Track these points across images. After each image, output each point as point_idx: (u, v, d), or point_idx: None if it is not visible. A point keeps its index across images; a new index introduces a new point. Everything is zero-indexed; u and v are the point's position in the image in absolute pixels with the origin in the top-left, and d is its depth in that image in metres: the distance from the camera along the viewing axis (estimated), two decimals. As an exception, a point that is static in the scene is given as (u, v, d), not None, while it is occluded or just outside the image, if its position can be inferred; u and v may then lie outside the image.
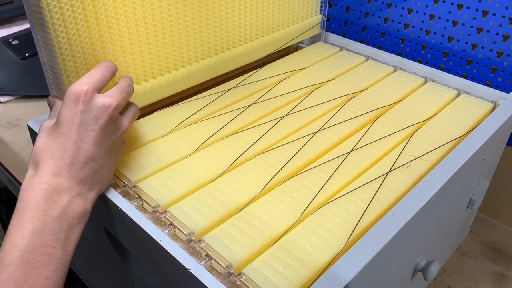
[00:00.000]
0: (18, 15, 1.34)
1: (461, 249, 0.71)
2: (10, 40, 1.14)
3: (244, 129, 0.52)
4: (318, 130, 0.52)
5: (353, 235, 0.39)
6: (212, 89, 0.60)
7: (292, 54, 0.70)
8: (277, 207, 0.42)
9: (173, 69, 0.55)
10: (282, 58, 0.68)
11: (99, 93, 0.40)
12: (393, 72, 0.65)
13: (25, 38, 1.17)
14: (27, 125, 0.51)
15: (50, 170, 0.37)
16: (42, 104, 1.01)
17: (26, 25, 1.29)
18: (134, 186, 0.44)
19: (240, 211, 0.42)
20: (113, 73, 0.42)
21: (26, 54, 1.11)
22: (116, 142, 0.41)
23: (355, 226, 0.40)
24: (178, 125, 0.52)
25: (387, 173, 0.46)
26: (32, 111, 0.99)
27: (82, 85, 0.39)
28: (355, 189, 0.44)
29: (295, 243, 0.38)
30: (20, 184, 0.81)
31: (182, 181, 0.44)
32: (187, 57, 0.56)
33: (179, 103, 0.56)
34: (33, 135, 0.51)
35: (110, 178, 0.42)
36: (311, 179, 0.45)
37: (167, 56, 0.53)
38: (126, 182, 0.44)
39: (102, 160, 0.40)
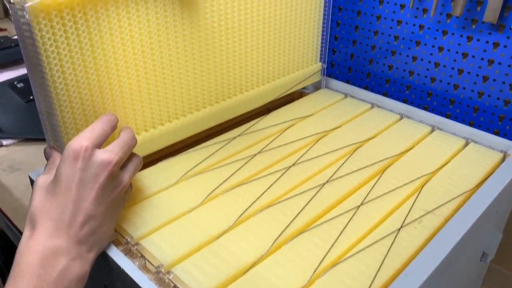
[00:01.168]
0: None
1: (474, 302, 0.68)
2: (16, 83, 1.15)
3: (250, 180, 0.51)
4: (326, 182, 0.51)
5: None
6: (217, 137, 0.59)
7: (296, 101, 0.70)
8: (286, 267, 0.40)
9: (173, 118, 0.54)
10: (287, 106, 0.68)
11: (99, 148, 0.39)
12: (400, 120, 0.65)
13: (30, 80, 1.18)
14: (29, 176, 0.50)
15: (48, 231, 0.36)
16: (43, 148, 1.00)
17: (32, 68, 1.31)
18: (137, 244, 0.42)
19: (247, 271, 0.40)
20: (114, 127, 0.41)
21: (31, 97, 1.11)
22: (116, 198, 0.40)
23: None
24: (182, 176, 0.51)
25: (399, 229, 0.44)
26: (34, 155, 0.98)
27: (81, 141, 0.38)
28: (366, 247, 0.42)
29: (305, 307, 0.37)
30: (18, 231, 0.79)
31: (187, 238, 0.43)
32: (187, 106, 0.55)
33: (183, 152, 0.56)
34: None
35: (110, 236, 0.41)
36: (320, 236, 0.43)
37: (168, 106, 0.53)
38: (128, 239, 0.43)
39: (101, 218, 0.38)
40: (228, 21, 0.55)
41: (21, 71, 1.29)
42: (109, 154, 0.38)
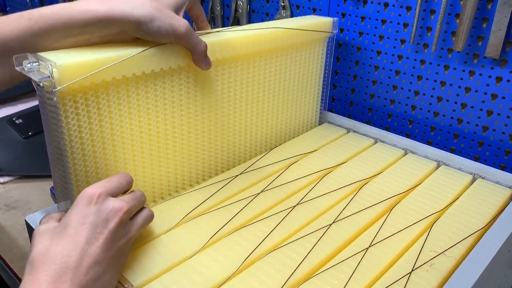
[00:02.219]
0: (24, 93, 1.36)
1: None
2: (14, 119, 1.14)
3: (253, 221, 0.49)
4: (333, 222, 0.49)
5: None
6: (218, 176, 0.58)
7: (298, 137, 0.69)
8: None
9: (181, 189, 0.55)
10: (289, 141, 0.67)
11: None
12: (404, 156, 0.64)
13: (30, 116, 1.18)
14: (25, 220, 0.48)
15: (50, 276, 0.34)
16: (41, 185, 0.98)
17: (32, 103, 1.30)
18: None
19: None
20: (130, 183, 0.43)
21: (29, 133, 1.10)
22: (122, 247, 0.39)
23: None
24: (183, 218, 0.49)
25: (410, 272, 0.43)
26: (31, 192, 0.96)
27: (96, 188, 0.39)
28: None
29: None
30: (14, 273, 0.76)
31: (189, 286, 0.41)
32: (195, 177, 0.57)
33: (184, 192, 0.54)
34: (30, 230, 0.48)
35: (112, 286, 0.39)
36: (329, 282, 0.42)
37: (176, 177, 0.54)
38: (128, 287, 0.41)
39: (106, 266, 0.37)
40: (236, 93, 0.57)
41: (20, 106, 1.29)
42: (121, 202, 0.39)
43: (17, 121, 1.13)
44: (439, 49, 0.64)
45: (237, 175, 0.57)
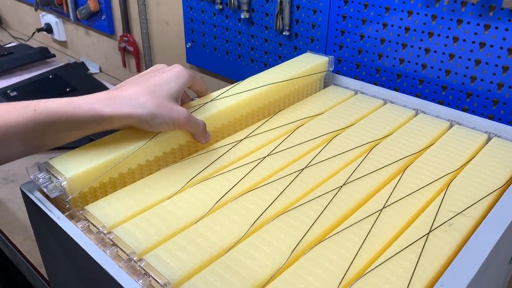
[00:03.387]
0: (17, 66, 1.32)
1: (501, 307, 0.64)
2: (9, 92, 1.11)
3: (261, 185, 0.47)
4: (343, 184, 0.47)
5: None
6: (222, 140, 0.55)
7: (304, 100, 0.66)
8: (308, 281, 0.36)
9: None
10: (294, 105, 0.64)
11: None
12: (415, 116, 0.61)
13: (24, 89, 1.14)
14: (20, 188, 0.46)
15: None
16: (38, 159, 0.96)
17: (26, 76, 1.27)
18: (109, 232, 0.40)
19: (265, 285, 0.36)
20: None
21: (24, 106, 1.07)
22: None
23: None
24: (187, 183, 0.47)
25: (428, 233, 0.40)
26: (29, 165, 0.94)
27: None
28: (394, 255, 0.38)
29: None
30: (14, 245, 0.75)
31: (161, 225, 0.41)
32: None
33: (187, 158, 0.52)
34: (25, 198, 0.45)
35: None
36: (343, 244, 0.39)
37: None
38: (100, 228, 0.40)
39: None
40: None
41: (14, 79, 1.25)
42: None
43: (11, 94, 1.10)
44: (452, 2, 0.60)
45: (241, 140, 0.55)
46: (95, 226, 0.41)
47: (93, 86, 1.20)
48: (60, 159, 0.45)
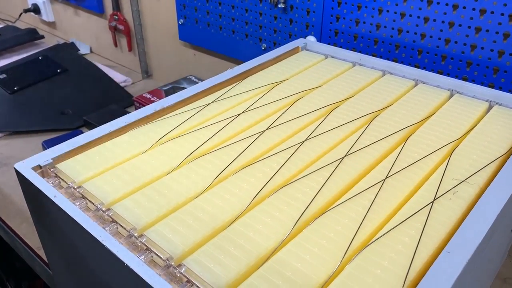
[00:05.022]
0: (5, 49, 1.29)
1: (501, 276, 0.64)
2: (-3, 74, 1.08)
3: (260, 159, 0.46)
4: (345, 156, 0.46)
5: (408, 280, 0.33)
6: (223, 114, 0.54)
7: (302, 73, 0.64)
8: (312, 252, 0.35)
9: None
10: (292, 78, 0.63)
11: None
12: (415, 86, 0.60)
13: (14, 71, 1.12)
14: (14, 168, 0.44)
15: None
16: (32, 140, 0.94)
17: (15, 58, 1.24)
18: (108, 209, 0.39)
19: (266, 260, 0.35)
20: None
21: (15, 88, 1.05)
22: None
23: (408, 269, 0.33)
24: (185, 158, 0.46)
25: (432, 202, 0.40)
26: (22, 149, 0.93)
27: None
28: (399, 224, 0.37)
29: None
30: (11, 229, 0.74)
31: (161, 201, 0.40)
32: None
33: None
34: (20, 177, 0.44)
35: None
36: (346, 215, 0.39)
37: None
38: (99, 206, 0.39)
39: None
40: None
41: (2, 62, 1.22)
42: None
43: (1, 76, 1.08)
44: (451, -32, 0.59)
45: (239, 114, 0.54)
46: (93, 204, 0.40)
47: (85, 67, 1.17)
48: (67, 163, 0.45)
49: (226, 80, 0.62)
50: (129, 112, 1.00)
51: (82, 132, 0.93)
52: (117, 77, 1.18)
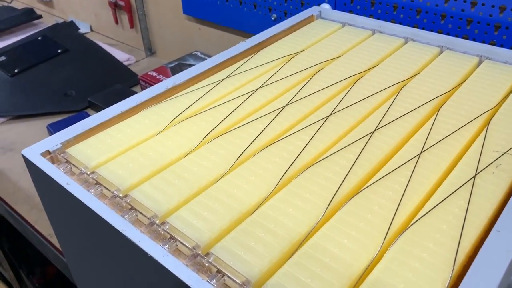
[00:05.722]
0: (2, 30, 1.25)
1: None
2: (-4, 56, 1.05)
3: (284, 136, 0.43)
4: (375, 130, 0.43)
5: (457, 263, 0.30)
6: (239, 89, 0.51)
7: (319, 43, 0.61)
8: (351, 236, 0.33)
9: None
10: (309, 49, 0.59)
11: None
12: (441, 53, 0.56)
13: (13, 53, 1.08)
14: (22, 154, 0.42)
15: None
16: (36, 124, 0.91)
17: (13, 39, 1.20)
18: (126, 196, 0.37)
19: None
20: None
21: (15, 70, 1.01)
22: None
23: (457, 251, 0.31)
24: (203, 139, 0.43)
25: (474, 177, 0.37)
26: (26, 133, 0.90)
27: None
28: (441, 201, 0.35)
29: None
30: (20, 216, 0.72)
31: (181, 185, 0.37)
32: None
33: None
34: (29, 164, 0.41)
35: None
36: (383, 194, 0.36)
37: None
38: (115, 192, 0.37)
39: None
40: None
41: (1, 44, 1.18)
42: None
43: (0, 59, 1.04)
44: None
45: (256, 89, 0.50)
46: (109, 190, 0.37)
47: (86, 46, 1.13)
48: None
49: (239, 54, 0.58)
50: (135, 92, 0.98)
51: (88, 114, 0.90)
52: (120, 55, 1.14)
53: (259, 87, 0.51)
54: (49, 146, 0.42)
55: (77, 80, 1.03)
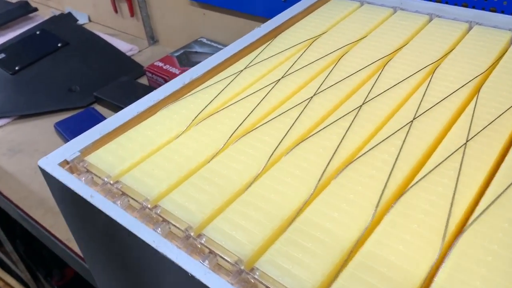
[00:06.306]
0: (0, 25, 1.21)
1: None
2: (-4, 54, 1.01)
3: (319, 129, 0.40)
4: (416, 117, 0.40)
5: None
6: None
7: (339, 24, 0.57)
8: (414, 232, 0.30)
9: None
10: (329, 32, 0.56)
11: None
12: (470, 29, 0.53)
13: (12, 49, 1.04)
14: (39, 166, 0.39)
15: None
16: (42, 123, 0.88)
17: (10, 35, 1.16)
18: (156, 206, 0.34)
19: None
20: None
21: (16, 68, 0.98)
22: None
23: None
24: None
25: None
26: (33, 133, 0.87)
27: None
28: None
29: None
30: (36, 221, 0.70)
31: (214, 192, 0.35)
32: None
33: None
34: (47, 176, 0.39)
35: None
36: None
37: None
38: (144, 203, 0.34)
39: None
40: None
41: (1, 39, 1.14)
42: None
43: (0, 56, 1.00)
44: None
45: (279, 79, 0.47)
46: (137, 201, 0.35)
47: (87, 38, 1.09)
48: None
49: (255, 41, 0.55)
50: (142, 84, 0.94)
51: (95, 110, 0.87)
52: (122, 46, 1.10)
53: (282, 77, 0.48)
54: (67, 155, 0.39)
55: (81, 74, 0.99)
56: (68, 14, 1.18)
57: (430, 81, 0.45)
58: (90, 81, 0.96)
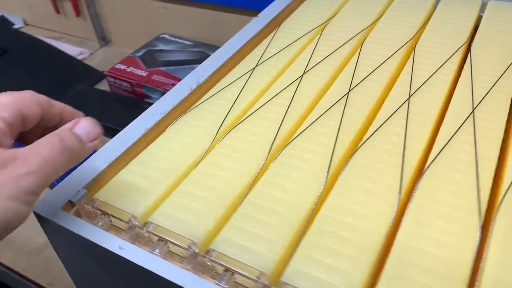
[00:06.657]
0: None
1: None
2: None
3: (369, 136, 0.34)
4: (477, 106, 0.35)
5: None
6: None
7: (344, 7, 0.51)
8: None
9: None
10: (337, 18, 0.50)
11: None
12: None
13: None
14: (34, 213, 0.30)
15: None
16: None
17: None
18: (208, 252, 0.26)
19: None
20: None
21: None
22: None
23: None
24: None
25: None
26: None
27: None
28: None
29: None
30: (8, 268, 0.59)
31: (275, 223, 0.27)
32: None
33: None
34: (49, 226, 0.30)
35: None
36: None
37: None
38: (192, 247, 0.26)
39: None
40: None
41: None
42: None
43: None
44: None
45: (302, 75, 0.41)
46: (181, 246, 0.27)
47: (28, 43, 0.96)
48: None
49: (257, 34, 0.48)
50: (104, 91, 0.84)
51: (54, 126, 0.75)
52: (70, 50, 0.98)
53: (304, 72, 0.41)
54: (70, 195, 0.30)
55: (28, 85, 0.86)
56: (1, 18, 1.04)
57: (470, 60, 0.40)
58: (40, 93, 0.84)
